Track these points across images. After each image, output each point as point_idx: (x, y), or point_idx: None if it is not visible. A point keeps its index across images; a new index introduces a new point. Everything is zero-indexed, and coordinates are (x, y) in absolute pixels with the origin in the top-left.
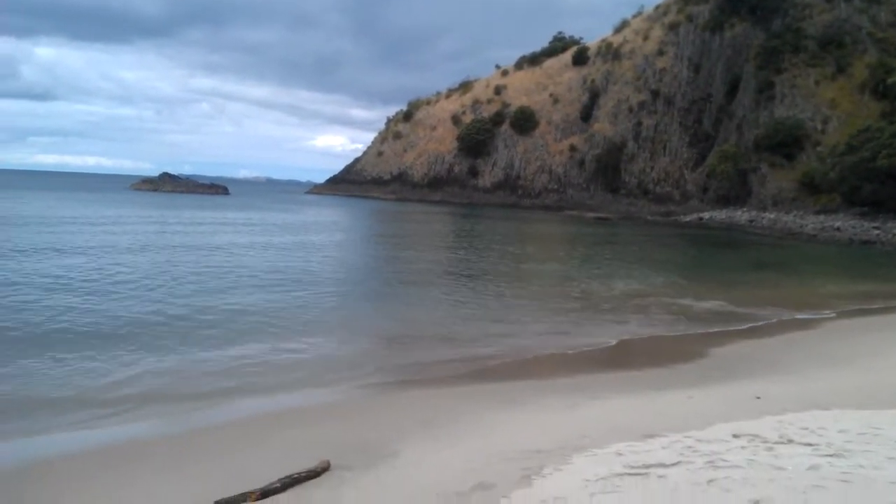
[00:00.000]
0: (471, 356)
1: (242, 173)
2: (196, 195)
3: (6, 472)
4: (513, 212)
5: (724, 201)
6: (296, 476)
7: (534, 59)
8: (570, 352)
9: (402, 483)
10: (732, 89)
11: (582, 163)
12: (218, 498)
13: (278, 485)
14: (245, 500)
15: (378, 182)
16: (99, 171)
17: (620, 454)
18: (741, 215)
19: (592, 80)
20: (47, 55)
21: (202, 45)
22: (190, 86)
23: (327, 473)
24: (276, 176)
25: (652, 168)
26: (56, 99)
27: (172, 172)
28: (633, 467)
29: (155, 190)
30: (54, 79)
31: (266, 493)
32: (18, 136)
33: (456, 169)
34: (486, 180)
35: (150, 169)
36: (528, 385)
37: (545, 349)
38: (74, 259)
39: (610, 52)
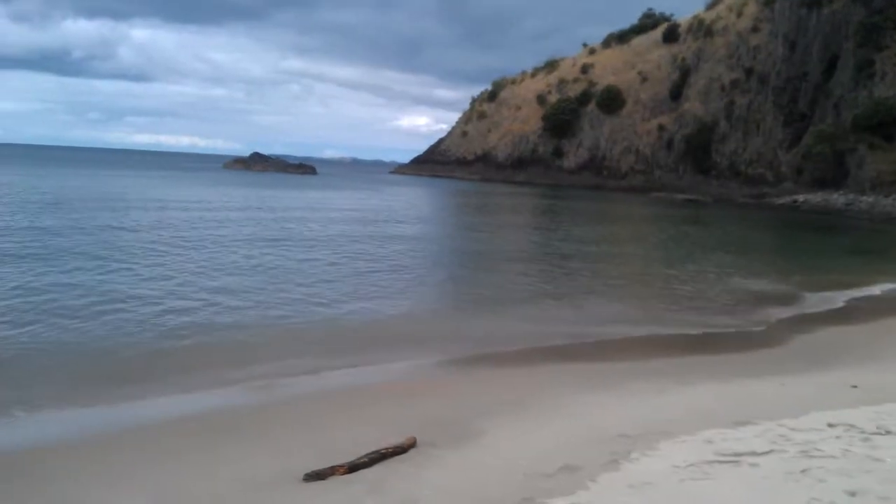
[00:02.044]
0: (554, 336)
1: (328, 153)
2: (286, 174)
3: (112, 434)
4: (598, 193)
5: (820, 184)
6: (383, 451)
7: (622, 37)
8: (655, 335)
9: (488, 462)
10: (830, 67)
11: (670, 143)
12: (308, 470)
13: (366, 459)
14: (333, 474)
15: (462, 162)
16: (193, 151)
17: (710, 441)
18: (837, 198)
19: (683, 58)
20: (143, 37)
21: (292, 27)
22: (280, 67)
23: (413, 450)
24: (361, 156)
25: (744, 149)
26: (151, 80)
27: (262, 152)
28: (723, 455)
29: (246, 169)
30: (149, 60)
31: (354, 467)
32: (116, 115)
33: (540, 149)
34: (570, 161)
35: (241, 149)
36: (613, 368)
37: (629, 332)
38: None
39: (702, 28)
